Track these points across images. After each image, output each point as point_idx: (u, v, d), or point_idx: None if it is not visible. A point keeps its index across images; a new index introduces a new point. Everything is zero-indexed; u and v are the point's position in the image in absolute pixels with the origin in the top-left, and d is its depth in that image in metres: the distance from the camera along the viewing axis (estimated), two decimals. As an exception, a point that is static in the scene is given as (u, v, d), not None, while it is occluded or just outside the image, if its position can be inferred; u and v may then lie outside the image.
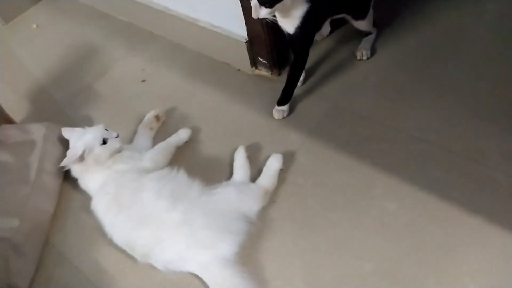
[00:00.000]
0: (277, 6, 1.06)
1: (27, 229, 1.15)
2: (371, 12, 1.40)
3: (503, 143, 1.18)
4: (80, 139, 1.19)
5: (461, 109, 1.27)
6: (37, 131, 1.32)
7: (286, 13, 1.13)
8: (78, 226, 1.24)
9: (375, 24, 1.44)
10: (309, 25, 1.16)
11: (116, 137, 1.22)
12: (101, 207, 1.14)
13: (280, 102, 1.35)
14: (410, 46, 1.47)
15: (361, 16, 1.37)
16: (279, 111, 1.36)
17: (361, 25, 1.40)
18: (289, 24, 1.16)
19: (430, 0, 1.59)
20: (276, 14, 1.13)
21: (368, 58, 1.46)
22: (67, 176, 1.30)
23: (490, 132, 1.21)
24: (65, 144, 1.27)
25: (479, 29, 1.47)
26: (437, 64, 1.40)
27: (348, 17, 1.36)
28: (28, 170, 1.23)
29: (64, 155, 1.28)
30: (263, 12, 1.08)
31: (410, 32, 1.51)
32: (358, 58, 1.46)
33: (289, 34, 1.19)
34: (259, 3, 1.05)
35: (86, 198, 1.22)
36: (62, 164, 1.17)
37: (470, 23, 1.50)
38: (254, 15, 1.09)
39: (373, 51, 1.47)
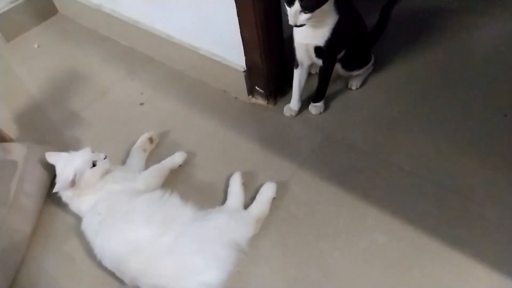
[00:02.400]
0: (316, 12, 1.10)
1: (1, 249, 1.13)
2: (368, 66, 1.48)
3: (491, 180, 1.21)
4: (68, 164, 1.19)
5: (450, 145, 1.31)
6: (18, 151, 1.32)
7: (317, 24, 1.16)
8: (59, 247, 1.22)
9: (371, 58, 1.49)
10: (337, 37, 1.21)
11: (105, 158, 1.21)
12: (92, 228, 1.14)
13: (315, 100, 1.45)
14: (401, 81, 1.53)
15: (357, 65, 1.44)
16: (316, 107, 1.45)
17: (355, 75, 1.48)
18: (320, 36, 1.21)
19: (424, 38, 1.67)
20: (307, 26, 1.16)
21: (357, 88, 1.51)
22: (51, 197, 1.29)
23: (478, 169, 1.24)
24: (46, 165, 1.27)
25: (468, 69, 1.54)
26: (427, 100, 1.45)
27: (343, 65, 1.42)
28: (6, 191, 1.22)
29: (44, 177, 1.29)
30: (301, 18, 1.11)
31: (402, 67, 1.57)
32: (349, 86, 1.52)
33: (317, 46, 1.24)
34: (302, 8, 1.08)
35: (71, 219, 1.22)
36: (55, 190, 1.16)
37: (460, 62, 1.57)
38: (292, 21, 1.12)
39: (364, 82, 1.53)
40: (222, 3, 1.28)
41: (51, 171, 1.30)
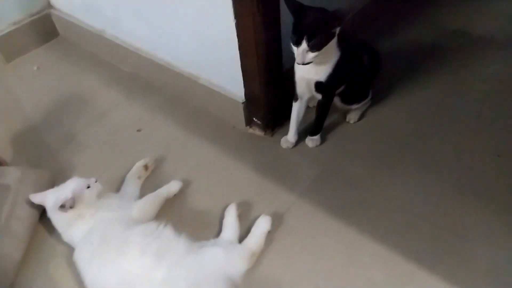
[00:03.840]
0: (322, 50, 1.12)
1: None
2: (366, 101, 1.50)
3: (485, 220, 1.22)
4: (60, 190, 1.19)
5: (444, 184, 1.32)
6: (12, 175, 1.30)
7: (320, 60, 1.18)
8: (49, 276, 1.19)
9: (369, 93, 1.52)
10: (338, 73, 1.24)
11: (95, 181, 1.22)
12: (84, 258, 1.11)
13: (312, 133, 1.46)
14: (398, 117, 1.55)
15: (356, 99, 1.47)
16: (313, 140, 1.46)
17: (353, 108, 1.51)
18: (322, 72, 1.23)
19: (420, 76, 1.70)
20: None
21: (355, 122, 1.53)
22: (43, 223, 1.27)
23: (473, 208, 1.25)
24: (40, 189, 1.26)
25: (462, 107, 1.57)
26: (422, 137, 1.47)
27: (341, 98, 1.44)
28: (-3, 215, 1.19)
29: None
30: (309, 57, 1.13)
31: (399, 103, 1.60)
32: (347, 120, 1.54)
33: (318, 82, 1.26)
34: (309, 47, 1.11)
35: (63, 248, 1.20)
36: (58, 205, 1.14)
37: (454, 100, 1.60)
38: (299, 60, 1.14)
39: (361, 116, 1.55)
40: (224, 35, 1.31)
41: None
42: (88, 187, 1.19)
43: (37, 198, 1.23)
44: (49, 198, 1.21)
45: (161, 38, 1.58)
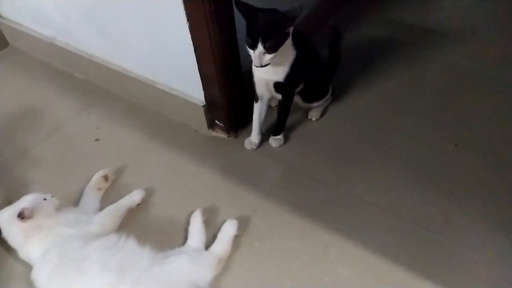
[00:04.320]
0: (279, 51, 1.12)
1: None
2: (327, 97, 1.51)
3: (445, 209, 1.25)
4: (17, 204, 1.14)
5: (405, 175, 1.35)
6: None
7: (278, 60, 1.17)
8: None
9: (329, 89, 1.53)
10: (296, 72, 1.24)
11: (52, 196, 1.19)
12: (42, 277, 1.06)
13: (275, 133, 1.45)
14: (358, 111, 1.58)
15: (316, 97, 1.47)
16: (276, 140, 1.46)
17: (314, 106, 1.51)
18: (280, 72, 1.23)
19: (378, 69, 1.73)
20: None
21: (317, 119, 1.54)
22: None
23: (433, 198, 1.28)
24: None
25: (419, 98, 1.61)
26: (383, 131, 1.50)
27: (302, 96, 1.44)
28: None
29: None
30: (266, 59, 1.13)
31: (358, 98, 1.62)
32: (309, 117, 1.54)
33: (277, 82, 1.26)
34: (265, 49, 1.10)
35: (20, 266, 1.15)
36: (16, 215, 1.09)
37: (411, 92, 1.64)
38: (257, 63, 1.13)
39: (323, 113, 1.56)
40: (178, 39, 1.28)
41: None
42: (45, 199, 1.16)
43: None
44: (4, 214, 1.15)
45: (114, 44, 1.53)
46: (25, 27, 1.84)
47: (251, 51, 1.13)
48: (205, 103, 1.44)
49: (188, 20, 1.20)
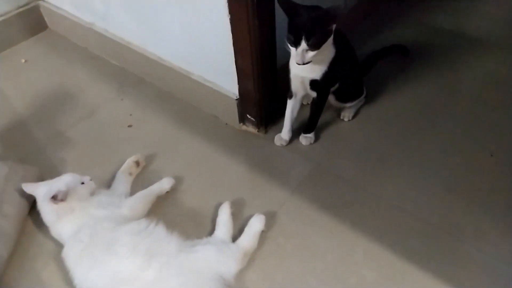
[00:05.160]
0: (321, 48, 1.11)
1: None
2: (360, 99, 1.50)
3: (476, 219, 1.23)
4: (55, 182, 1.16)
5: (437, 182, 1.33)
6: None
7: (318, 58, 1.17)
8: (37, 273, 1.17)
9: (363, 90, 1.52)
10: (334, 71, 1.23)
11: (90, 180, 1.21)
12: (73, 256, 1.09)
13: (306, 131, 1.45)
14: (391, 115, 1.56)
15: (350, 97, 1.46)
16: (306, 138, 1.45)
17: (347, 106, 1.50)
18: (318, 70, 1.22)
19: (413, 73, 1.71)
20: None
21: (349, 120, 1.52)
22: (31, 218, 1.26)
23: (464, 207, 1.26)
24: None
25: (455, 106, 1.58)
26: (415, 135, 1.48)
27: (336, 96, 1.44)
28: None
29: (25, 198, 1.25)
30: (308, 56, 1.12)
31: (392, 101, 1.60)
32: (341, 118, 1.53)
33: (313, 80, 1.25)
34: (308, 47, 1.10)
35: (51, 244, 1.18)
36: (47, 199, 1.12)
37: (447, 98, 1.61)
38: (299, 60, 1.13)
39: (355, 114, 1.55)
40: (218, 31, 1.29)
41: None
42: (82, 183, 1.18)
43: (29, 188, 1.20)
44: (41, 189, 1.18)
45: (152, 33, 1.55)
46: (65, 11, 1.89)
47: (292, 49, 1.13)
48: (238, 97, 1.45)
49: (229, 13, 1.21)
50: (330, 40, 1.16)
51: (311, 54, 1.12)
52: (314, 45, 1.10)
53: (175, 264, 1.05)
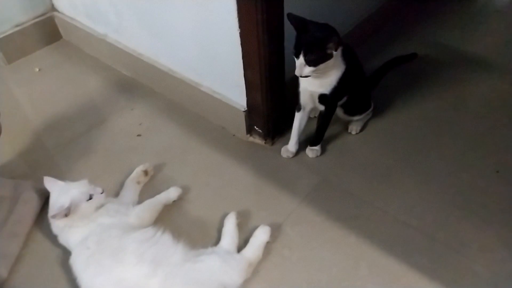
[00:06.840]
0: (320, 66, 1.15)
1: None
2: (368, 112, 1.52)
3: (482, 236, 1.22)
4: (64, 193, 1.17)
5: (443, 198, 1.33)
6: (7, 187, 1.30)
7: (324, 73, 1.21)
8: (43, 280, 1.19)
9: (371, 104, 1.53)
10: (343, 86, 1.26)
11: (101, 193, 1.19)
12: (80, 262, 1.10)
13: (313, 143, 1.46)
14: (398, 129, 1.56)
15: (358, 110, 1.48)
16: (313, 150, 1.46)
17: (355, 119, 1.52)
18: (327, 85, 1.25)
19: (420, 88, 1.72)
20: (313, 74, 1.20)
21: (356, 133, 1.54)
22: (39, 225, 1.28)
23: (470, 223, 1.26)
24: (37, 198, 1.29)
25: (461, 122, 1.58)
26: (421, 151, 1.48)
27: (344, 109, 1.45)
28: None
29: (31, 216, 1.28)
30: (306, 71, 1.16)
31: (399, 116, 1.61)
32: (349, 131, 1.54)
33: (322, 94, 1.28)
34: (305, 62, 1.14)
35: (58, 251, 1.20)
36: (49, 215, 1.14)
37: (454, 114, 1.61)
38: (297, 73, 1.18)
39: (363, 128, 1.56)
40: (227, 45, 1.32)
41: (39, 207, 1.32)
42: (90, 198, 1.16)
43: (49, 183, 1.20)
44: (56, 189, 1.19)
45: (163, 44, 1.58)
46: (79, 22, 1.93)
47: (296, 60, 1.17)
48: (246, 109, 1.47)
49: (239, 27, 1.24)
50: (338, 56, 1.19)
51: (308, 69, 1.16)
52: (310, 62, 1.14)
53: (180, 273, 1.06)
